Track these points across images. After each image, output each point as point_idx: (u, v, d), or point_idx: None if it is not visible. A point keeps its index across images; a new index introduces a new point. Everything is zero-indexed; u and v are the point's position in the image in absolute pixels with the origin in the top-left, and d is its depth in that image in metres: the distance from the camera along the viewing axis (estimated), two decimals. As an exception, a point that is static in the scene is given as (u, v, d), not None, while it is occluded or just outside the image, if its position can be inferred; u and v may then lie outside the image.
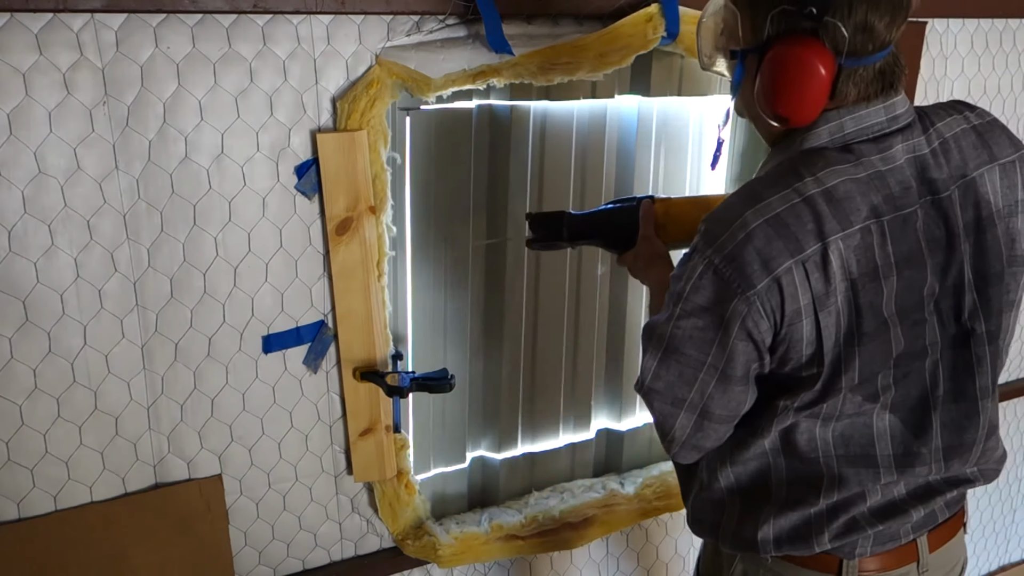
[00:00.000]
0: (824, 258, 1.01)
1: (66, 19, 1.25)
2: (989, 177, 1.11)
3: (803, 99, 1.03)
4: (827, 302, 1.03)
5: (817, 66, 1.01)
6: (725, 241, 1.02)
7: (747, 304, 1.02)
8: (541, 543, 1.90)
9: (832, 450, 1.13)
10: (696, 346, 1.07)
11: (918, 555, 1.21)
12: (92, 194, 1.34)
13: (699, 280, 1.04)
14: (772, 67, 1.03)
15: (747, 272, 1.01)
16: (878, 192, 1.04)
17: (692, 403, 1.10)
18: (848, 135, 1.07)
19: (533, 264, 1.82)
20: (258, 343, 1.54)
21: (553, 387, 1.97)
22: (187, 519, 1.57)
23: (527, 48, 1.49)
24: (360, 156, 1.48)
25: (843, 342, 1.06)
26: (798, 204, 1.02)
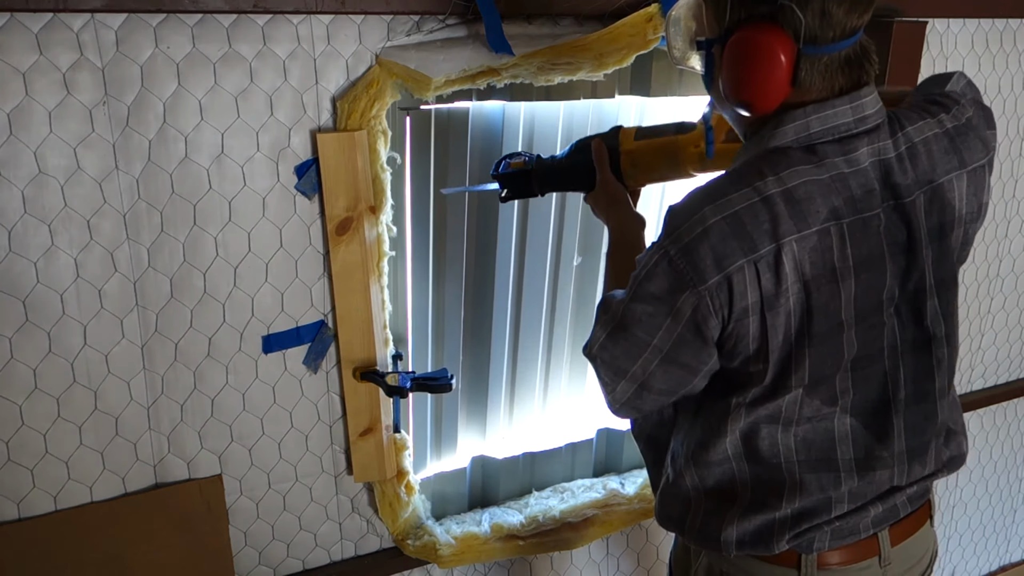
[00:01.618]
0: (777, 259, 1.02)
1: (66, 19, 1.25)
2: (957, 184, 1.11)
3: (764, 84, 1.03)
4: (776, 303, 1.04)
5: (776, 50, 1.01)
6: (683, 233, 1.04)
7: (697, 297, 1.04)
8: (541, 543, 1.90)
9: (794, 455, 1.15)
10: (644, 329, 1.08)
11: (879, 549, 1.22)
12: (92, 194, 1.34)
13: (655, 268, 1.06)
14: (733, 54, 1.03)
15: (700, 267, 1.03)
16: (839, 194, 1.04)
17: (634, 375, 1.12)
18: (813, 135, 1.06)
19: (519, 259, 1.83)
20: (258, 343, 1.54)
21: (531, 379, 1.98)
22: (187, 519, 1.57)
23: (527, 48, 1.49)
24: (360, 156, 1.48)
25: (793, 342, 1.07)
26: (756, 203, 1.02)
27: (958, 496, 2.69)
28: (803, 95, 1.06)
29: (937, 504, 2.60)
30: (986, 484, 2.76)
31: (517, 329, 1.88)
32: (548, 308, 1.90)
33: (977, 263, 2.35)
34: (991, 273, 2.40)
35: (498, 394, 1.92)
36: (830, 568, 1.20)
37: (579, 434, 2.05)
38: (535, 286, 1.86)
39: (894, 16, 1.84)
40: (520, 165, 1.42)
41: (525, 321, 1.88)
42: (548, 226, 1.82)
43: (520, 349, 1.90)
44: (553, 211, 1.81)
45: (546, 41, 1.52)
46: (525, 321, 1.88)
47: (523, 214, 1.78)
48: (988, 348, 2.49)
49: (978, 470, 2.70)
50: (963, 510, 2.73)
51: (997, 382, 2.58)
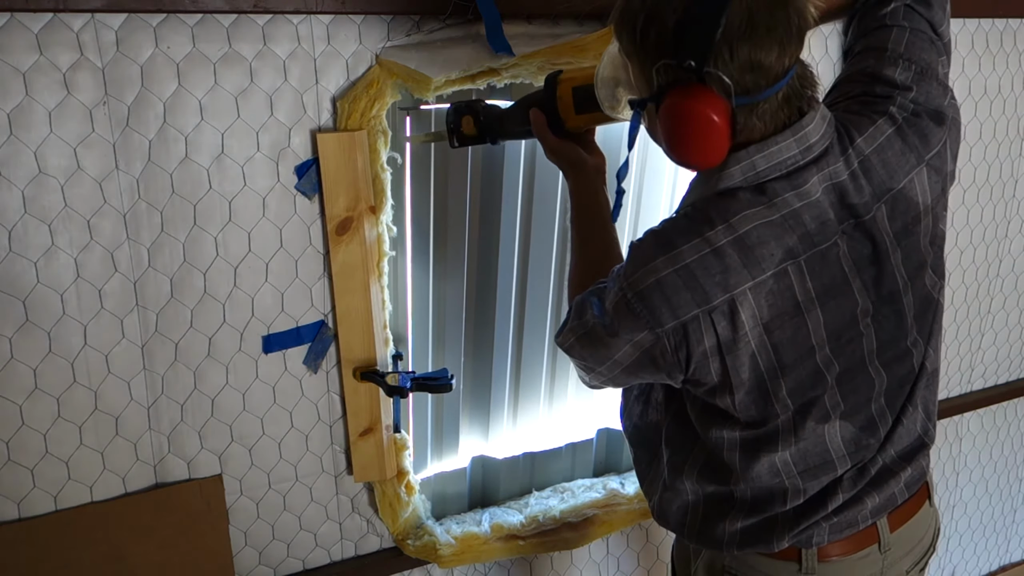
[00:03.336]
0: (732, 308, 1.04)
1: (66, 19, 1.25)
2: (918, 180, 1.11)
3: (704, 147, 1.02)
4: (735, 347, 1.07)
5: (709, 115, 0.98)
6: (637, 280, 1.06)
7: (655, 337, 1.07)
8: (541, 543, 1.90)
9: (794, 469, 1.17)
10: (608, 350, 1.12)
11: (879, 537, 1.25)
12: (92, 194, 1.34)
13: (615, 305, 1.09)
14: (667, 120, 1.02)
15: (655, 313, 1.06)
16: (793, 232, 1.04)
17: (599, 373, 1.17)
18: (761, 173, 1.05)
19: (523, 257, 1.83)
20: (258, 343, 1.54)
21: (536, 376, 1.98)
22: (187, 519, 1.57)
23: (527, 48, 1.49)
24: (360, 156, 1.48)
25: (764, 375, 1.10)
26: (707, 255, 1.03)
27: (958, 496, 2.69)
28: (747, 138, 1.05)
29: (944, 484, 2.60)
30: (986, 484, 2.76)
31: (520, 329, 1.88)
32: (553, 308, 1.90)
33: (977, 263, 2.35)
34: (991, 273, 2.40)
35: (501, 394, 1.91)
36: (830, 560, 1.22)
37: (579, 434, 2.05)
38: (539, 286, 1.86)
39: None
40: (472, 131, 1.42)
41: (529, 321, 1.88)
42: (552, 226, 1.82)
43: (524, 349, 1.90)
44: (557, 211, 1.81)
45: (546, 41, 1.52)
46: (529, 321, 1.88)
47: (526, 214, 1.78)
48: (988, 348, 2.49)
49: (978, 470, 2.70)
50: (963, 510, 2.73)
51: (997, 382, 2.58)
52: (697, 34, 0.95)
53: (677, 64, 0.98)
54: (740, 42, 0.95)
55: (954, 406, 2.46)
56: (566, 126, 1.34)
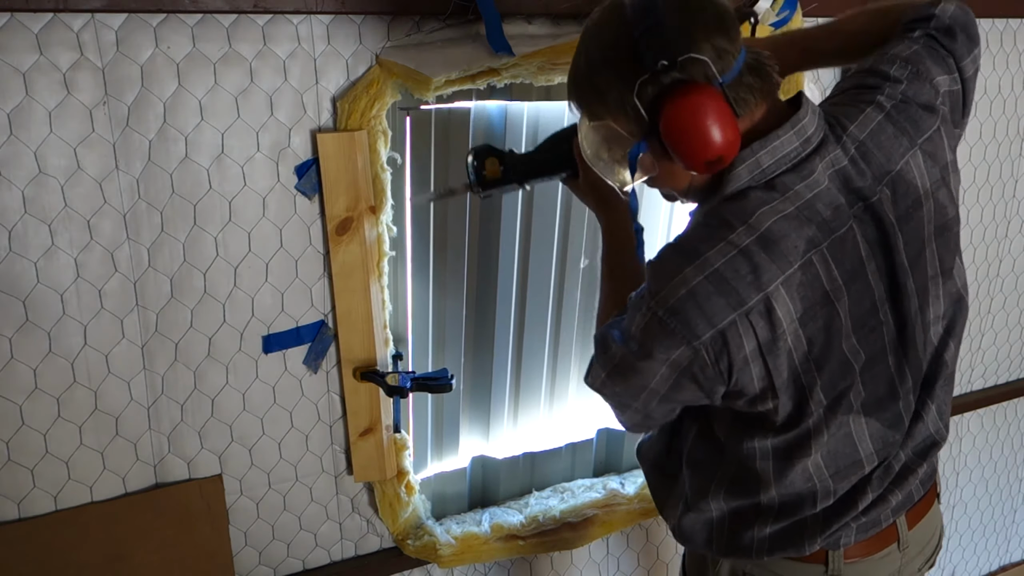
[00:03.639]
0: (768, 307, 1.03)
1: (66, 19, 1.25)
2: (914, 162, 1.11)
3: (723, 130, 1.00)
4: (775, 346, 1.05)
5: (705, 98, 0.99)
6: (667, 295, 1.03)
7: (693, 352, 1.04)
8: (541, 543, 1.90)
9: (825, 471, 1.16)
10: (641, 377, 1.09)
11: (898, 535, 1.26)
12: (92, 194, 1.34)
13: (646, 327, 1.06)
14: (674, 129, 1.00)
15: (691, 324, 1.03)
16: (810, 223, 1.04)
17: (635, 409, 1.15)
18: (768, 169, 1.06)
19: (523, 259, 1.83)
20: (258, 343, 1.54)
21: (536, 379, 1.98)
22: (187, 519, 1.57)
23: (527, 48, 1.49)
24: (360, 156, 1.48)
25: (801, 371, 1.08)
26: (734, 257, 1.02)
27: (958, 496, 2.69)
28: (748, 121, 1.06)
29: (944, 484, 2.60)
30: (986, 484, 2.76)
31: (521, 330, 1.88)
32: (554, 309, 1.90)
33: (977, 263, 2.35)
34: (991, 273, 2.40)
35: (502, 395, 1.91)
36: (855, 560, 1.23)
37: (579, 434, 2.05)
38: (540, 287, 1.86)
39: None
40: (497, 174, 1.38)
41: (529, 322, 1.88)
42: (553, 227, 1.82)
43: (524, 350, 1.90)
44: (558, 211, 1.81)
45: (546, 41, 1.52)
46: (529, 322, 1.88)
47: (527, 214, 1.78)
48: (988, 348, 2.49)
49: (978, 470, 2.70)
50: (963, 510, 2.73)
51: (997, 382, 2.58)
52: (651, 40, 0.99)
53: (652, 75, 0.99)
54: (691, 29, 0.99)
55: (954, 406, 2.46)
56: None
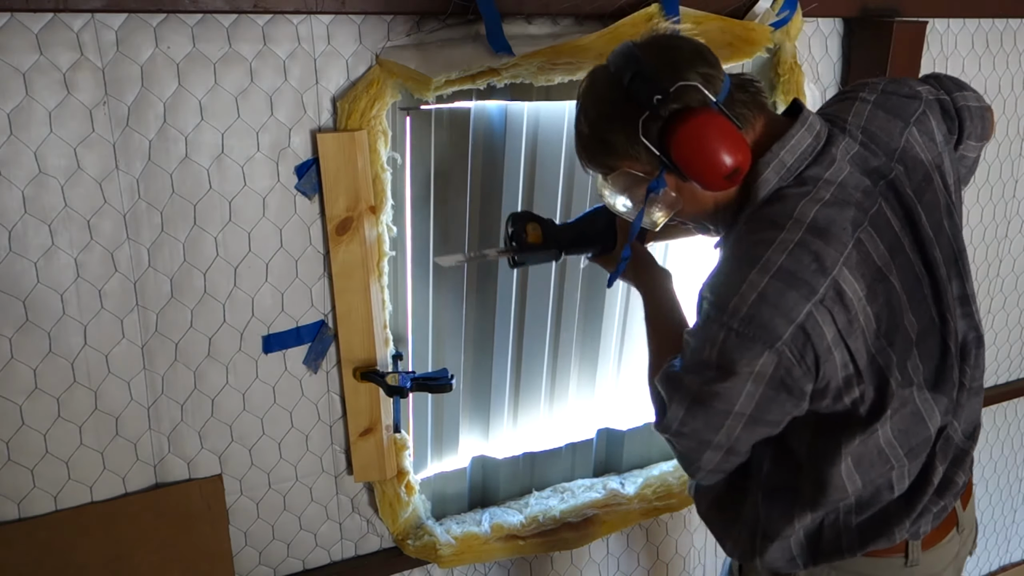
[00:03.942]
0: (837, 290, 1.04)
1: (66, 19, 1.25)
2: (912, 139, 1.17)
3: (731, 142, 1.06)
4: (852, 328, 1.06)
5: (706, 118, 1.05)
6: (738, 304, 1.04)
7: (776, 355, 1.05)
8: (541, 543, 1.90)
9: (899, 450, 1.16)
10: (724, 401, 1.08)
11: (957, 518, 1.28)
12: (92, 194, 1.34)
13: (723, 345, 1.06)
14: (685, 154, 1.07)
15: (769, 327, 1.03)
16: (848, 205, 1.08)
17: (718, 444, 1.12)
18: (792, 167, 1.10)
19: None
20: (258, 343, 1.54)
21: (536, 380, 1.98)
22: (187, 519, 1.57)
23: (527, 48, 1.49)
24: (360, 156, 1.48)
25: (875, 352, 1.09)
26: (793, 250, 1.04)
27: (958, 496, 2.69)
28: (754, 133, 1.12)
29: None
30: (986, 484, 2.76)
31: (521, 329, 1.87)
32: (554, 309, 1.90)
33: (977, 263, 2.35)
34: (991, 273, 2.40)
35: (501, 395, 1.91)
36: (929, 548, 1.25)
37: (579, 434, 2.05)
38: (540, 287, 1.86)
39: (894, 16, 1.84)
40: (538, 239, 1.38)
41: (530, 321, 1.88)
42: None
43: (524, 350, 1.90)
44: (558, 211, 1.81)
45: (546, 41, 1.52)
46: (530, 321, 1.88)
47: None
48: (988, 348, 2.49)
49: (978, 470, 2.70)
50: (963, 510, 2.73)
51: (997, 382, 2.58)
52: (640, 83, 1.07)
53: (652, 111, 1.07)
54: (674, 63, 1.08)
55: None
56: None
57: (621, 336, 2.02)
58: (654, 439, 2.12)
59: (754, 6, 1.68)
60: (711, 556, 2.30)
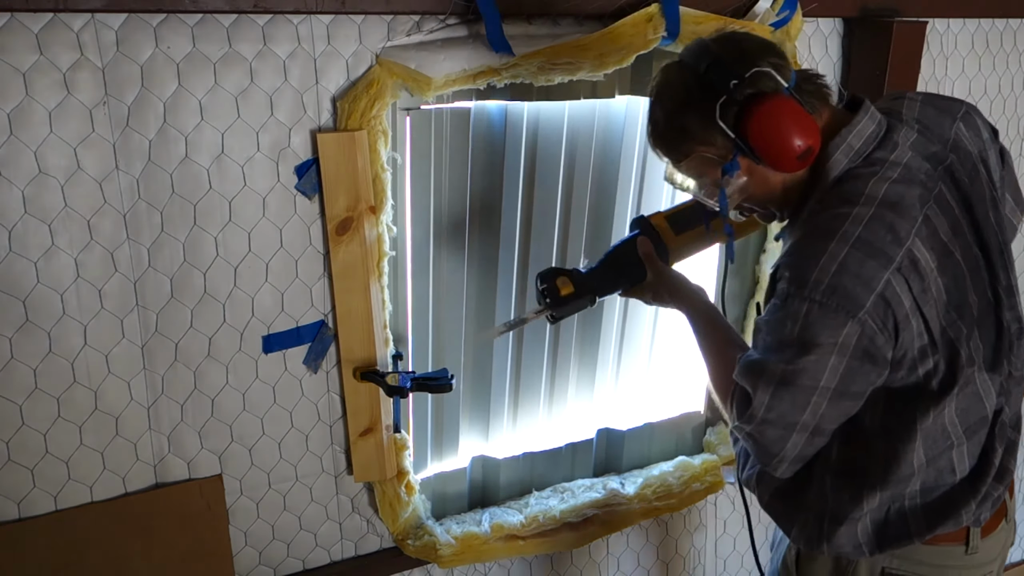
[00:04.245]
0: (912, 259, 1.09)
1: (66, 19, 1.25)
2: (960, 132, 1.22)
3: (802, 124, 1.12)
4: (926, 296, 1.11)
5: (780, 101, 1.12)
6: (819, 277, 1.08)
7: (860, 325, 1.08)
8: (541, 543, 1.90)
9: (959, 428, 1.18)
10: (810, 376, 1.10)
11: (1006, 509, 1.30)
12: (92, 194, 1.34)
13: (806, 319, 1.09)
14: (761, 135, 1.12)
15: (851, 296, 1.07)
16: (914, 183, 1.13)
17: (804, 424, 1.14)
18: (860, 149, 1.16)
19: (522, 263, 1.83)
20: (258, 343, 1.54)
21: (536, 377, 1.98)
22: (187, 519, 1.57)
23: (527, 48, 1.49)
24: (360, 156, 1.48)
25: (946, 324, 1.13)
26: (869, 223, 1.09)
27: (958, 496, 2.69)
28: (823, 119, 1.18)
29: None
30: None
31: (520, 329, 1.87)
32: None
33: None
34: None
35: (500, 395, 1.91)
36: (986, 536, 1.27)
37: (579, 434, 2.05)
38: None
39: (894, 16, 1.84)
40: (570, 290, 1.41)
41: (530, 324, 1.87)
42: (553, 227, 1.82)
43: (524, 350, 1.90)
44: (557, 211, 1.81)
45: (546, 41, 1.52)
46: (530, 324, 1.87)
47: (526, 214, 1.78)
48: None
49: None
50: (963, 510, 2.73)
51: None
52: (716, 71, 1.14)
53: (729, 95, 1.13)
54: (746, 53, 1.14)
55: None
56: (669, 246, 1.43)
57: (620, 338, 2.02)
58: (654, 439, 2.12)
59: (754, 6, 1.68)
60: (711, 556, 2.31)
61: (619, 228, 1.90)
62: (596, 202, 1.84)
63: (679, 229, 1.46)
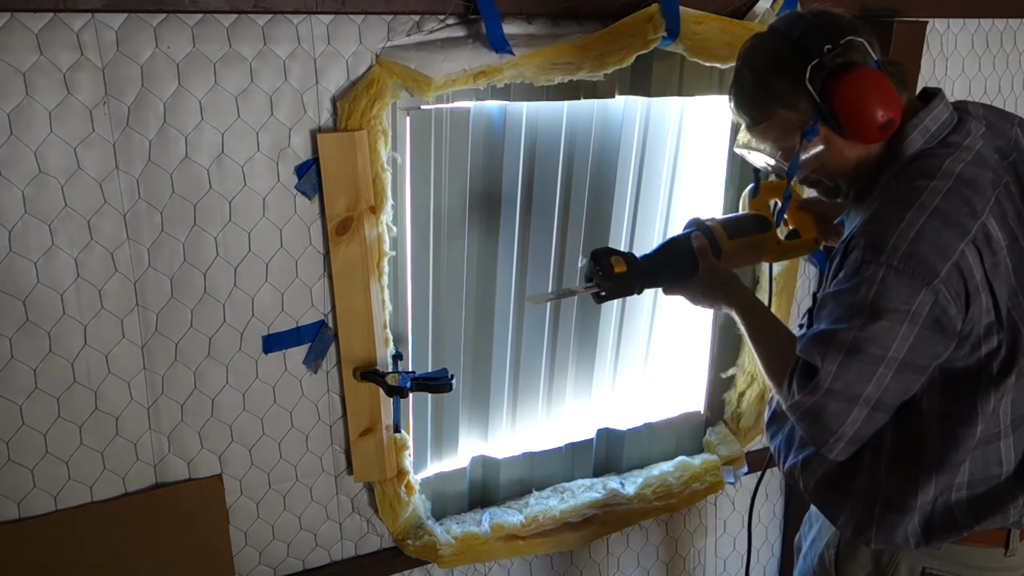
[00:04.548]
0: (985, 233, 1.13)
1: (66, 19, 1.25)
2: (1018, 135, 1.27)
3: (888, 98, 1.16)
4: (997, 272, 1.14)
5: (870, 72, 1.17)
6: (897, 243, 1.11)
7: (933, 293, 1.10)
8: (541, 543, 1.90)
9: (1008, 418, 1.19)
10: (880, 344, 1.12)
11: None
12: (92, 194, 1.34)
13: (881, 284, 1.11)
14: (847, 101, 1.16)
15: (927, 263, 1.10)
16: (987, 168, 1.17)
17: (867, 397, 1.14)
18: (935, 132, 1.21)
19: (521, 258, 1.83)
20: (258, 343, 1.54)
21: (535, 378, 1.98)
22: (187, 519, 1.57)
23: (527, 48, 1.49)
24: (360, 156, 1.48)
25: (1011, 307, 1.16)
26: (946, 195, 1.13)
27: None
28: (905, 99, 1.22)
29: None
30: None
31: (520, 329, 1.88)
32: (552, 308, 1.90)
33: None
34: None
35: (500, 395, 1.92)
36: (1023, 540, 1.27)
37: (579, 434, 2.05)
38: (538, 287, 1.86)
39: (894, 16, 1.84)
40: (623, 268, 1.40)
41: (528, 321, 1.88)
42: (552, 226, 1.82)
43: (523, 349, 1.90)
44: (556, 211, 1.81)
45: (546, 41, 1.52)
46: (528, 321, 1.88)
47: (526, 214, 1.78)
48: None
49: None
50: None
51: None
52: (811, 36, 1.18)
53: (821, 59, 1.17)
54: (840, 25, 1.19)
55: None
56: (723, 248, 1.44)
57: (617, 339, 2.02)
58: (654, 439, 2.12)
59: (754, 6, 1.68)
60: (711, 556, 2.31)
61: (617, 226, 1.90)
62: (594, 201, 1.85)
63: (732, 234, 1.46)
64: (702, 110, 1.90)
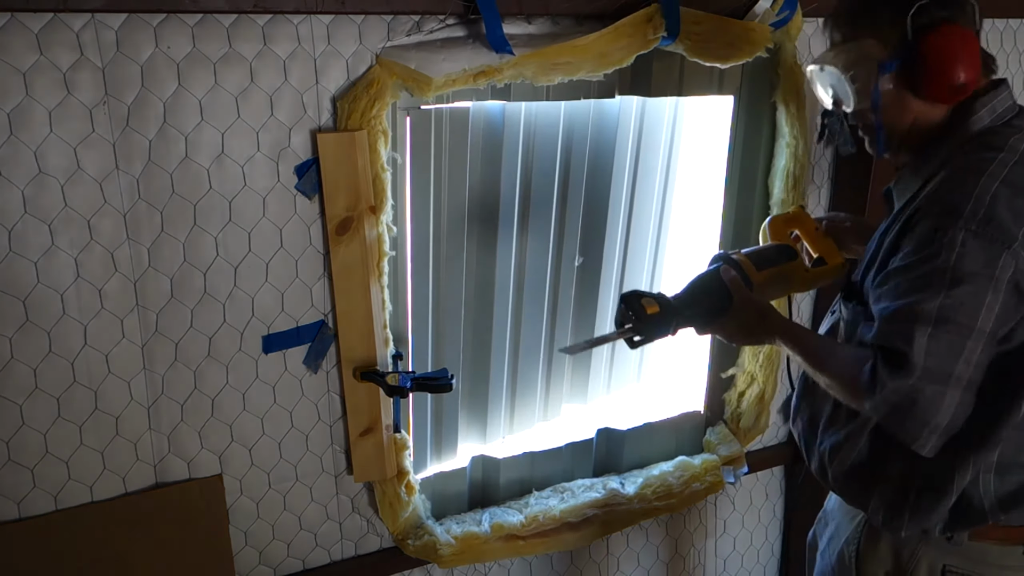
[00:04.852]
0: None
1: (66, 19, 1.25)
2: None
3: (972, 64, 1.21)
4: None
5: (968, 34, 1.21)
6: (975, 208, 1.13)
7: (1013, 257, 1.11)
8: (541, 543, 1.90)
9: None
10: (968, 313, 1.11)
11: None
12: (92, 194, 1.34)
13: (962, 248, 1.11)
14: (937, 52, 1.20)
15: (1004, 227, 1.11)
16: None
17: (959, 377, 1.12)
18: (1001, 114, 1.25)
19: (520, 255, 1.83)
20: (258, 343, 1.54)
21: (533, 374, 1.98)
22: (187, 519, 1.57)
23: (527, 48, 1.49)
24: (360, 156, 1.48)
25: None
26: (1014, 167, 1.17)
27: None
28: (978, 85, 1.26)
29: None
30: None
31: (518, 329, 1.88)
32: (549, 308, 1.91)
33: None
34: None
35: (499, 395, 1.92)
36: None
37: (579, 434, 2.05)
38: (536, 286, 1.86)
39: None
40: (656, 310, 1.38)
41: (526, 321, 1.88)
42: (549, 226, 1.83)
43: (521, 349, 1.90)
44: (554, 212, 1.81)
45: (546, 41, 1.52)
46: (526, 321, 1.88)
47: (524, 214, 1.78)
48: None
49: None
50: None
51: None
52: None
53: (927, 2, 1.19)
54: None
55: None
56: (753, 280, 1.42)
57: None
58: (654, 439, 2.12)
59: (754, 6, 1.68)
60: (711, 556, 2.31)
61: (613, 225, 1.90)
62: (590, 199, 1.85)
63: (760, 266, 1.45)
64: (697, 110, 1.90)
